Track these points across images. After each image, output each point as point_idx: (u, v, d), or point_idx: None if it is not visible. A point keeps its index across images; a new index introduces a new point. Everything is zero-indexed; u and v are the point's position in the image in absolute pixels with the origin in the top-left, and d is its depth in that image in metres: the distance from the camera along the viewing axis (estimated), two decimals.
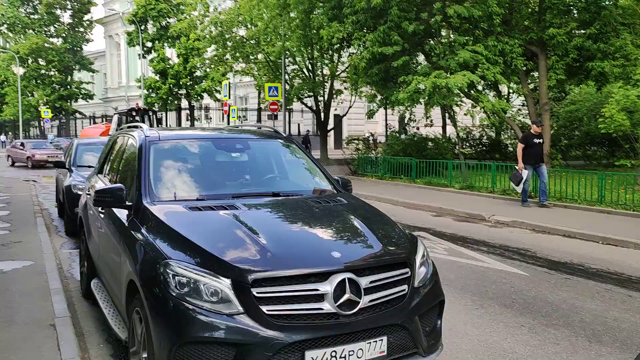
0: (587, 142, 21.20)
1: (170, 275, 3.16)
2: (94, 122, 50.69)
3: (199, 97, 39.40)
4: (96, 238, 5.15)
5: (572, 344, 4.57)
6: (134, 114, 27.39)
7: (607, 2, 16.40)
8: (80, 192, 8.22)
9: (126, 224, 4.00)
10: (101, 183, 5.51)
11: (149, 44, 39.78)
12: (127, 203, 4.09)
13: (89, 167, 9.42)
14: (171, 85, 37.34)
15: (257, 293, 3.04)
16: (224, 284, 3.07)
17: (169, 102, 38.67)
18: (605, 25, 16.64)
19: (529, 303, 5.63)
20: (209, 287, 3.08)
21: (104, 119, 48.71)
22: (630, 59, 16.31)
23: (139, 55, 40.92)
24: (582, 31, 17.23)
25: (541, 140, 12.33)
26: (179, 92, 38.65)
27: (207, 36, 25.27)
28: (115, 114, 30.55)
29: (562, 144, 20.47)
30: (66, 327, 4.66)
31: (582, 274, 6.78)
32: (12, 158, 30.02)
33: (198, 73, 37.17)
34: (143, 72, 41.01)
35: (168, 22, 38.83)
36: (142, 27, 39.22)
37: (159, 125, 28.39)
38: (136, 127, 5.14)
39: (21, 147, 28.87)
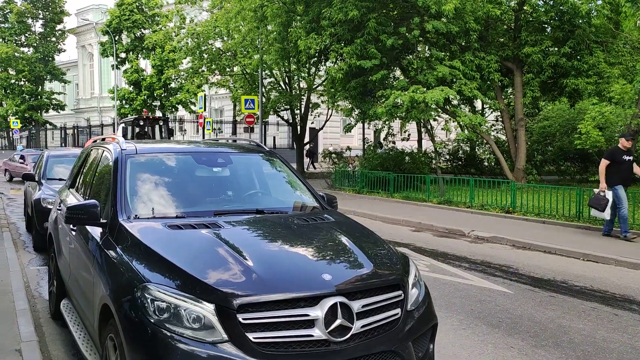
0: (561, 157, 21.51)
1: (149, 300, 2.93)
2: (65, 134, 49.64)
3: (173, 109, 38.92)
4: (67, 256, 4.85)
5: None
6: (141, 123, 24.26)
7: (580, 21, 16.74)
8: (50, 206, 7.89)
9: (100, 243, 3.75)
10: (73, 198, 5.23)
11: (123, 55, 39.23)
12: (102, 220, 3.83)
13: (60, 180, 9.06)
14: (145, 97, 36.81)
15: (243, 319, 2.83)
16: (207, 310, 2.86)
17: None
18: (579, 43, 17.00)
19: (516, 322, 5.51)
20: (191, 313, 2.86)
21: (75, 130, 47.74)
22: (603, 76, 16.65)
23: (113, 66, 40.30)
24: (557, 49, 17.55)
25: (631, 158, 10.18)
26: (153, 103, 38.12)
27: (183, 48, 24.99)
28: (120, 123, 27.06)
29: (536, 159, 20.72)
30: (33, 352, 4.34)
31: (566, 292, 6.72)
32: (10, 173, 25.61)
33: (173, 85, 36.75)
34: (116, 83, 40.36)
35: (143, 33, 38.38)
36: (116, 38, 38.69)
37: (171, 137, 25.18)
38: (111, 139, 4.89)
39: (21, 161, 23.85)
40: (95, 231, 3.92)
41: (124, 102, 38.36)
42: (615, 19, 17.04)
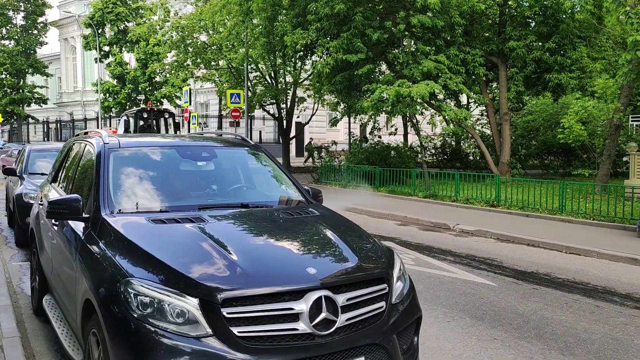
0: (544, 151, 21.74)
1: (132, 295, 2.90)
2: (47, 128, 48.95)
3: (158, 103, 38.55)
4: (49, 251, 4.79)
5: (546, 357, 4.51)
6: (145, 115, 21.93)
7: (564, 16, 16.88)
8: (32, 201, 7.78)
9: (82, 238, 3.71)
10: (55, 192, 5.16)
11: (106, 48, 38.72)
12: (84, 215, 3.79)
13: (42, 174, 8.93)
14: (130, 91, 36.41)
15: (227, 313, 2.82)
16: (191, 304, 2.84)
17: (127, 107, 37.69)
18: (562, 38, 17.13)
19: (500, 315, 5.57)
20: (175, 308, 2.85)
21: (58, 125, 47.10)
22: (586, 71, 16.82)
23: (96, 59, 39.77)
24: (541, 44, 17.68)
25: None
26: (138, 97, 37.73)
27: (168, 41, 24.74)
28: (122, 115, 24.64)
29: (520, 154, 20.91)
30: (15, 348, 4.29)
31: (549, 284, 6.80)
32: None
33: (158, 78, 36.38)
34: (100, 76, 39.87)
35: (126, 26, 37.92)
36: (99, 31, 38.16)
37: (178, 131, 23.27)
38: (94, 132, 4.83)
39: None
40: (78, 226, 3.87)
41: (107, 95, 37.91)
42: (598, 14, 17.16)
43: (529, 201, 12.66)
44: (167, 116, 22.72)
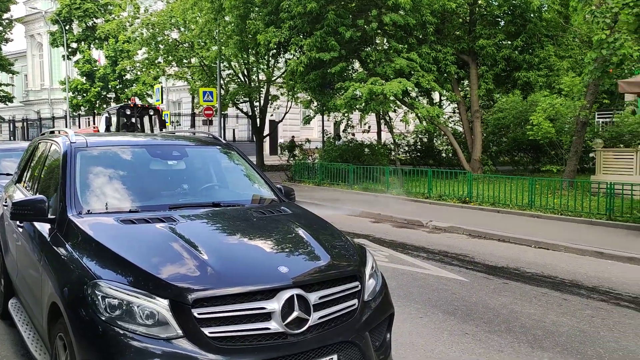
0: (514, 148, 22.11)
1: (99, 297, 2.85)
2: (14, 127, 47.69)
3: (129, 102, 37.93)
4: (14, 254, 4.67)
5: (515, 350, 4.60)
6: (128, 112, 19.86)
7: (532, 15, 17.20)
8: None
9: (48, 240, 3.62)
10: (20, 193, 5.02)
11: (74, 45, 37.91)
12: (50, 216, 3.70)
13: (7, 175, 8.68)
14: (99, 89, 35.72)
15: (198, 314, 2.79)
16: (161, 305, 2.80)
17: (97, 105, 36.99)
18: (530, 37, 17.47)
19: (471, 310, 5.65)
20: (144, 309, 2.80)
21: (25, 123, 45.93)
22: (553, 69, 17.18)
23: (63, 56, 38.88)
24: (510, 42, 17.99)
25: None
26: (108, 95, 37.05)
27: (138, 38, 24.35)
28: (103, 112, 22.02)
29: (491, 150, 21.23)
30: None
31: (519, 279, 6.93)
32: None
33: (128, 76, 35.78)
34: (68, 74, 39.01)
35: (95, 22, 37.17)
36: (67, 27, 37.32)
37: (163, 129, 21.18)
38: (60, 131, 4.72)
39: None
40: (44, 228, 3.78)
41: (76, 93, 37.13)
42: (565, 13, 17.57)
43: (499, 197, 12.87)
44: (152, 113, 20.48)
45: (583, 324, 5.24)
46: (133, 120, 19.85)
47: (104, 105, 37.44)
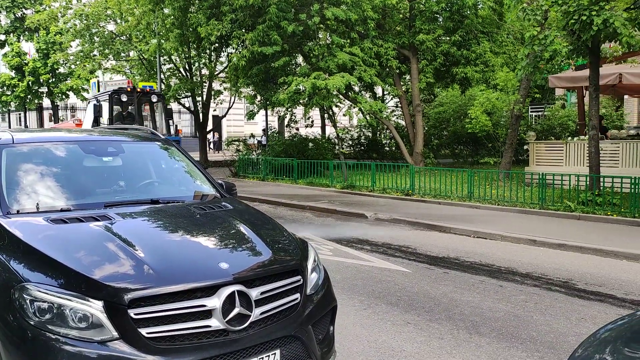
0: (455, 141, 22.81)
1: (28, 301, 2.71)
2: None
3: (64, 96, 36.34)
4: None
5: (455, 337, 4.74)
6: (123, 99, 15.21)
7: (468, 12, 17.73)
8: None
9: None
10: None
11: (2, 37, 35.91)
12: None
13: None
14: (30, 83, 34.01)
15: (135, 314, 2.71)
16: (95, 307, 2.70)
17: (28, 100, 35.21)
18: (467, 33, 18.02)
19: (413, 300, 5.78)
20: (76, 312, 2.69)
21: None
22: (489, 64, 17.80)
23: None
24: (448, 38, 18.49)
25: None
26: (40, 90, 35.34)
27: (71, 30, 23.34)
28: (90, 100, 17.36)
29: (433, 144, 21.79)
30: None
31: (458, 268, 7.15)
32: None
33: (62, 70, 34.25)
34: None
35: (24, 13, 35.33)
36: None
37: (170, 120, 17.73)
38: None
39: None
40: None
41: (5, 88, 35.21)
42: (499, 10, 18.23)
43: (440, 189, 13.23)
44: (155, 100, 16.23)
45: (517, 309, 5.47)
46: (130, 108, 15.67)
47: (35, 100, 35.70)
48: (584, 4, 9.40)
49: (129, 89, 15.48)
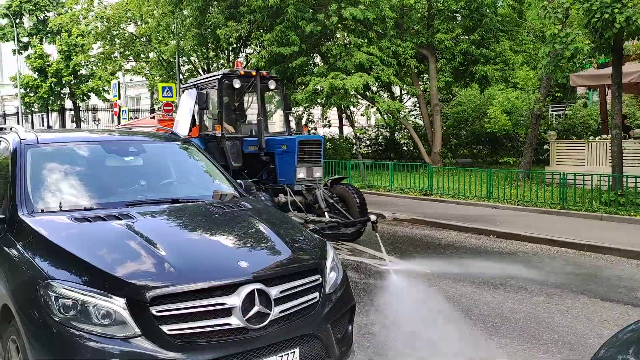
0: (473, 141, 22.61)
1: (53, 298, 2.77)
2: None
3: (85, 97, 36.87)
4: None
5: (475, 337, 4.71)
6: (236, 85, 10.38)
7: (487, 10, 17.57)
8: None
9: None
10: None
11: (25, 39, 36.57)
12: (0, 216, 3.57)
13: None
14: (52, 84, 34.57)
15: (157, 312, 2.75)
16: (118, 304, 2.74)
17: (50, 102, 35.80)
18: (487, 31, 17.84)
19: (429, 298, 5.75)
20: (100, 309, 2.74)
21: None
22: (508, 63, 17.61)
23: (14, 51, 37.45)
24: (467, 37, 18.34)
25: None
26: (62, 91, 35.91)
27: (92, 32, 23.67)
28: (184, 87, 11.91)
29: (451, 143, 21.64)
30: None
31: (477, 268, 7.08)
32: None
33: (83, 71, 34.74)
34: (19, 69, 37.61)
35: (47, 15, 35.93)
36: (17, 21, 35.97)
37: (289, 111, 11.51)
38: (8, 128, 4.55)
39: None
40: None
41: (28, 90, 35.86)
42: (519, 8, 18.02)
43: (459, 189, 13.14)
44: (272, 87, 11.21)
45: (538, 310, 5.40)
46: (244, 95, 11.90)
47: (58, 102, 36.28)
48: (606, 2, 9.25)
49: (241, 73, 10.97)
